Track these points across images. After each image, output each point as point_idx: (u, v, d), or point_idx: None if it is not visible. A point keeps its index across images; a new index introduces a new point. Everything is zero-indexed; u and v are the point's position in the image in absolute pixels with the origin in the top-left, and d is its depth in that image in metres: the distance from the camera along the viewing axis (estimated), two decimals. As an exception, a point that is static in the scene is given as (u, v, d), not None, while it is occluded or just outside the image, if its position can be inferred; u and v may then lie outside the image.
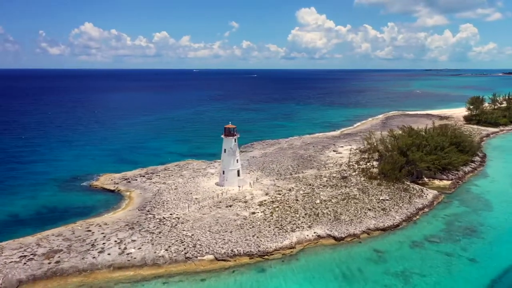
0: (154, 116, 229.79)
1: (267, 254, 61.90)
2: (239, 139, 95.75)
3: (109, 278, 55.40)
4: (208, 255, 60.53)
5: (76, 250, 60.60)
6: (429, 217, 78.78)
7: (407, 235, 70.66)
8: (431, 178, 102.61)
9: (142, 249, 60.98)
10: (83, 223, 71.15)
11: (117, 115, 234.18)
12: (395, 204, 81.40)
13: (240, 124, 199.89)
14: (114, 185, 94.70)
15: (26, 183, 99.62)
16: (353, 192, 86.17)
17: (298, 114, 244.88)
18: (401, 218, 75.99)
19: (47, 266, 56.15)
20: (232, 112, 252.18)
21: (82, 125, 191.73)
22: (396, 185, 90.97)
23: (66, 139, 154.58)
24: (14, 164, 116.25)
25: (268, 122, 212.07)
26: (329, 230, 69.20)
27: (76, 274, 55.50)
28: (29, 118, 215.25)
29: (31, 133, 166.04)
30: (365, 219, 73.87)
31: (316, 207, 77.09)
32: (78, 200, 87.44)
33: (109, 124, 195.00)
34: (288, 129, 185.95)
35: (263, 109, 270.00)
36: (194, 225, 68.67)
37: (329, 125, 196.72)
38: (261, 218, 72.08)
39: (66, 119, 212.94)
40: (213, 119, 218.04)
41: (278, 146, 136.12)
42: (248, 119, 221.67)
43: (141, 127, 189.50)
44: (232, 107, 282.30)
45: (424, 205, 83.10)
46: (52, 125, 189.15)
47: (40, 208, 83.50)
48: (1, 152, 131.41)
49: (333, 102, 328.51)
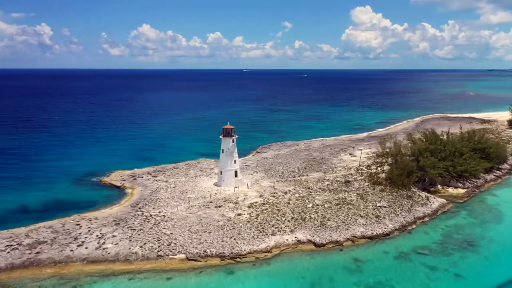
0: (187, 115, 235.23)
1: (240, 257, 61.45)
2: (257, 140, 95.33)
3: (81, 271, 57.71)
4: (180, 254, 61.22)
5: (58, 242, 63.74)
6: (427, 227, 74.31)
7: (396, 245, 67.12)
8: (446, 185, 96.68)
9: (118, 245, 62.90)
10: (77, 217, 74.61)
11: (152, 114, 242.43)
12: (392, 211, 77.52)
13: (268, 125, 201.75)
14: (121, 181, 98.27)
15: (45, 176, 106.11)
16: (351, 197, 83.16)
17: (332, 115, 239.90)
18: (394, 226, 72.27)
19: (27, 256, 59.57)
20: (265, 113, 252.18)
21: (115, 123, 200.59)
22: (401, 191, 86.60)
23: (95, 137, 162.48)
24: (40, 159, 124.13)
25: (298, 123, 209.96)
26: (311, 235, 67.36)
27: (52, 265, 58.41)
28: (68, 116, 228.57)
29: (65, 131, 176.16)
30: (354, 226, 71.04)
31: (305, 211, 75.30)
32: (84, 194, 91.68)
33: (141, 123, 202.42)
34: (316, 131, 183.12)
35: (297, 110, 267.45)
36: (176, 224, 69.70)
37: (359, 127, 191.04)
38: (245, 220, 71.64)
39: (103, 117, 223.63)
40: (243, 120, 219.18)
41: (295, 148, 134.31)
42: (279, 120, 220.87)
43: (169, 126, 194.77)
44: (268, 108, 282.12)
45: (425, 214, 78.45)
46: (87, 123, 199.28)
47: (48, 200, 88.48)
48: (31, 147, 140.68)
49: (374, 103, 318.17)
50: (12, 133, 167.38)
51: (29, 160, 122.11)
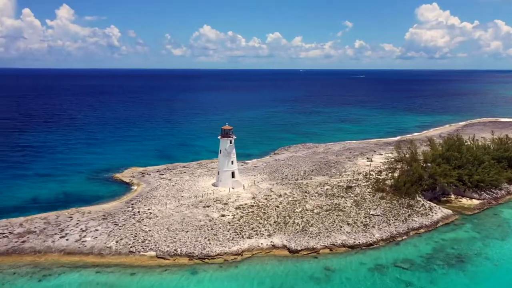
0: (223, 115, 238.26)
1: (208, 258, 61.52)
2: (282, 141, 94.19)
3: (56, 261, 60.84)
4: (151, 252, 62.53)
5: (45, 233, 67.74)
6: (420, 239, 69.61)
7: (376, 256, 63.60)
8: (460, 195, 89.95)
9: (97, 239, 65.58)
10: (73, 210, 78.76)
11: (189, 113, 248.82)
12: (385, 220, 73.49)
13: (300, 126, 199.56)
14: (131, 178, 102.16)
15: (65, 170, 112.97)
16: (346, 203, 79.96)
17: (371, 118, 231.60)
18: (381, 236, 68.49)
19: (12, 244, 63.95)
20: (303, 114, 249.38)
21: (149, 122, 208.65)
22: (402, 200, 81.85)
23: (125, 135, 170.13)
24: (66, 154, 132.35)
25: (332, 125, 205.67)
26: (287, 241, 65.77)
27: (32, 254, 62.19)
28: (109, 114, 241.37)
29: (98, 128, 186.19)
30: (336, 233, 68.31)
31: (290, 216, 73.62)
32: (92, 189, 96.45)
33: (174, 122, 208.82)
34: (348, 133, 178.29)
35: (337, 112, 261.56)
36: (158, 222, 71.23)
37: (395, 131, 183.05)
38: (227, 221, 71.53)
39: (140, 116, 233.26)
40: (277, 120, 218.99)
41: (313, 150, 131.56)
42: (314, 121, 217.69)
43: (201, 125, 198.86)
44: (307, 109, 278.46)
45: (422, 225, 73.53)
46: (123, 121, 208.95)
47: (59, 193, 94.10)
48: (62, 143, 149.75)
49: (423, 106, 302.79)
50: (49, 129, 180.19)
51: (55, 155, 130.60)
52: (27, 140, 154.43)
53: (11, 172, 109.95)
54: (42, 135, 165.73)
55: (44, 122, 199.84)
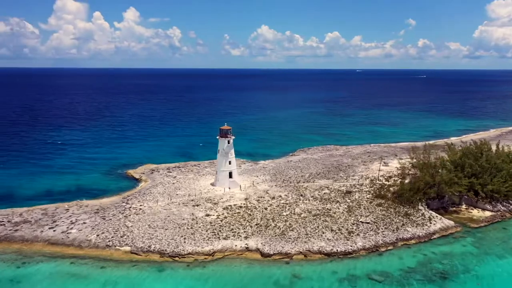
0: (257, 115, 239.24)
1: (179, 256, 62.04)
2: (306, 143, 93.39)
3: (39, 250, 64.39)
4: (126, 247, 64.23)
5: (39, 223, 71.93)
6: (407, 251, 65.31)
7: (352, 266, 60.61)
8: (472, 206, 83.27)
9: (81, 231, 68.52)
10: (73, 203, 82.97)
11: (225, 113, 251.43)
12: (374, 229, 69.77)
13: (332, 128, 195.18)
14: (141, 174, 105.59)
15: (86, 164, 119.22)
16: (338, 209, 76.93)
17: (410, 120, 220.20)
18: (364, 245, 65.13)
19: (6, 232, 68.58)
20: (339, 115, 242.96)
21: (181, 120, 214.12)
22: (400, 208, 77.30)
23: (154, 132, 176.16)
24: (91, 150, 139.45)
25: (366, 127, 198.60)
26: (262, 244, 64.59)
27: (20, 242, 66.31)
28: (148, 111, 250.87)
29: (131, 126, 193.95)
30: (316, 239, 65.96)
31: (274, 219, 72.21)
32: (103, 183, 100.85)
33: (206, 121, 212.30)
34: (379, 136, 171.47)
35: (375, 114, 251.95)
36: (143, 218, 72.96)
37: (431, 135, 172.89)
38: (209, 221, 71.67)
39: (176, 114, 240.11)
40: (308, 122, 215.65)
41: (330, 153, 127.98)
42: (349, 123, 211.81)
43: (231, 125, 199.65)
44: (346, 110, 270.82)
45: (414, 235, 68.95)
46: (159, 119, 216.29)
47: (72, 186, 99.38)
48: (91, 140, 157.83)
49: (473, 108, 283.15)
50: (85, 126, 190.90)
51: (81, 150, 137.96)
52: (60, 136, 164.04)
53: (37, 164, 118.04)
54: (76, 131, 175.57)
55: (84, 119, 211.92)
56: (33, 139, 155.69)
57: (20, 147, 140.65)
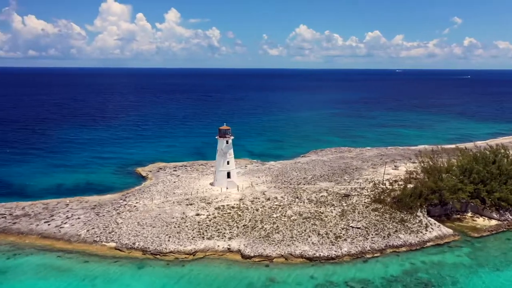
0: (278, 116, 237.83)
1: (160, 254, 62.73)
2: (322, 144, 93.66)
3: (31, 243, 67.05)
4: (112, 243, 65.68)
5: (37, 217, 74.97)
6: (394, 258, 62.81)
7: (332, 271, 59.02)
8: (479, 214, 78.93)
9: (73, 226, 70.76)
10: (75, 199, 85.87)
11: (247, 113, 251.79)
12: (363, 234, 67.57)
13: (353, 130, 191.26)
14: (148, 172, 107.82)
15: (100, 161, 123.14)
16: (331, 213, 75.08)
17: (437, 123, 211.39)
18: (349, 251, 63.22)
19: (5, 225, 71.95)
20: (363, 117, 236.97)
21: (201, 121, 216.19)
22: (397, 213, 74.44)
23: (172, 131, 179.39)
24: (108, 148, 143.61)
25: (390, 129, 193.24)
26: (245, 245, 64.12)
27: (15, 234, 69.39)
28: (173, 111, 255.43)
29: (151, 125, 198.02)
30: (300, 243, 64.70)
31: (263, 221, 71.50)
32: (110, 180, 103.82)
33: (226, 120, 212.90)
34: (399, 138, 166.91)
35: (403, 115, 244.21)
36: (134, 215, 74.30)
37: (455, 138, 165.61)
38: (197, 220, 72.00)
39: (199, 113, 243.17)
40: (330, 123, 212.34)
41: (341, 155, 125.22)
42: (372, 125, 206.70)
43: (252, 125, 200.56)
44: (372, 111, 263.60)
45: (405, 243, 66.19)
46: (179, 119, 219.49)
47: (82, 182, 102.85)
48: (111, 138, 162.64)
49: (506, 111, 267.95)
50: (107, 124, 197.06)
51: (98, 148, 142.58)
52: (82, 134, 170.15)
53: (54, 161, 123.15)
54: (97, 130, 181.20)
55: (109, 118, 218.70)
56: (56, 136, 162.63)
57: (42, 144, 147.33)
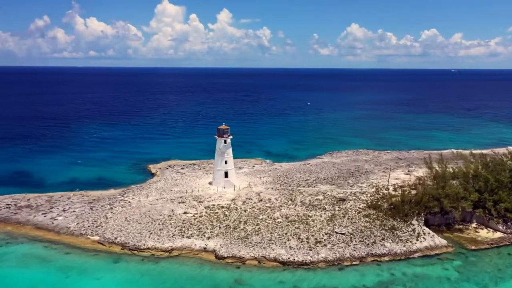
0: (310, 116, 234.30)
1: (137, 250, 63.92)
2: (342, 146, 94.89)
3: (25, 233, 70.75)
4: (96, 236, 67.81)
5: (37, 209, 79.03)
6: (374, 268, 59.94)
7: (302, 278, 57.32)
8: (484, 225, 73.42)
9: (66, 219, 73.82)
10: (79, 193, 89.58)
11: (277, 113, 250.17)
12: (346, 241, 64.95)
13: (379, 132, 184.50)
14: (157, 169, 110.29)
15: (118, 158, 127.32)
16: (320, 217, 72.83)
17: (476, 128, 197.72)
18: (326, 257, 61.05)
19: (7, 214, 76.47)
20: (396, 119, 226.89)
21: (229, 120, 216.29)
22: (390, 220, 70.83)
23: (197, 130, 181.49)
24: (129, 145, 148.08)
25: (422, 132, 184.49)
26: (221, 246, 63.83)
27: (13, 223, 73.56)
28: (207, 110, 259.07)
29: (179, 123, 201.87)
30: (277, 246, 63.35)
31: (247, 222, 70.78)
32: (121, 176, 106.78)
33: (254, 120, 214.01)
34: (429, 142, 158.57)
35: (442, 118, 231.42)
36: (125, 211, 76.21)
37: (490, 143, 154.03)
38: (183, 218, 72.57)
39: (228, 114, 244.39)
40: (359, 124, 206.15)
41: (355, 158, 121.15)
42: (403, 127, 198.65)
43: (277, 125, 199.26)
44: (408, 113, 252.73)
45: (390, 252, 62.87)
46: (209, 118, 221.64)
47: (95, 177, 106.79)
48: (135, 136, 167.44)
49: None
50: (136, 122, 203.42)
51: (119, 145, 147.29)
52: (108, 131, 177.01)
53: (74, 156, 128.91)
54: (124, 128, 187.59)
55: (141, 116, 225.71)
56: (85, 133, 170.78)
57: (69, 140, 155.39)
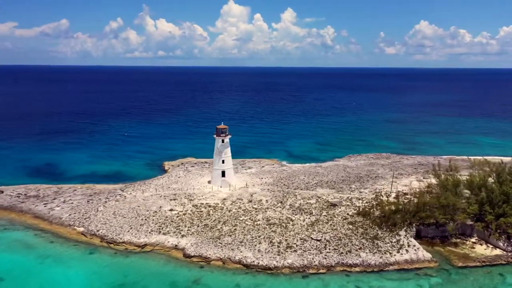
0: (349, 117, 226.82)
1: (114, 243, 66.11)
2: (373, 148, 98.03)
3: (24, 221, 76.00)
4: (82, 228, 71.10)
5: (42, 199, 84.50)
6: (341, 278, 57.03)
7: (260, 282, 56.19)
8: (484, 240, 66.84)
9: (62, 210, 78.16)
10: (86, 186, 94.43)
11: (317, 113, 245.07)
12: (320, 248, 62.29)
13: (418, 135, 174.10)
14: (170, 166, 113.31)
15: (140, 154, 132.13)
16: (303, 221, 70.46)
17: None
18: (291, 264, 59.09)
19: (14, 203, 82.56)
20: (439, 123, 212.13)
21: (262, 120, 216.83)
22: (375, 229, 66.86)
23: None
24: (155, 142, 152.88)
25: (465, 137, 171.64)
26: (191, 244, 64.17)
27: (17, 211, 79.33)
28: (249, 109, 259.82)
29: (207, 123, 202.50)
30: (245, 248, 62.37)
31: (226, 222, 70.37)
32: (136, 172, 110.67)
33: (288, 120, 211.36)
34: (468, 147, 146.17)
35: (493, 122, 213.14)
36: (116, 205, 79.04)
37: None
38: (166, 215, 73.81)
39: (264, 113, 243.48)
40: (396, 127, 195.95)
41: (373, 161, 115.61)
42: (443, 131, 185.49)
43: (308, 127, 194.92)
44: (453, 117, 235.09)
45: (363, 263, 59.34)
46: (238, 119, 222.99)
47: (113, 171, 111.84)
48: (160, 134, 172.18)
49: None
50: (170, 121, 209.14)
51: (143, 142, 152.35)
52: (139, 129, 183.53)
53: (101, 151, 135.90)
54: (158, 125, 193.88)
55: (179, 115, 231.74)
56: (119, 129, 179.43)
57: (100, 135, 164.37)
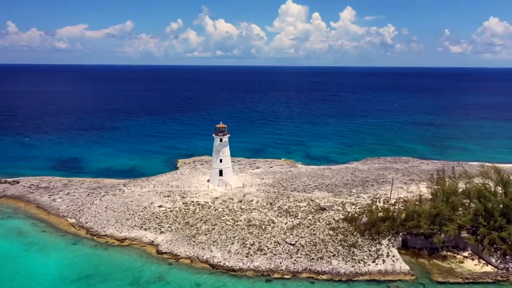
0: (382, 119, 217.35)
1: (97, 236, 68.61)
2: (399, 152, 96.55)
3: (28, 210, 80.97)
4: (73, 219, 74.45)
5: (49, 191, 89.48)
6: (303, 285, 55.04)
7: (221, 283, 55.85)
8: (477, 255, 61.59)
9: (63, 201, 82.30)
10: (92, 180, 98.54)
11: (349, 114, 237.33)
12: (291, 252, 60.54)
13: (453, 139, 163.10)
14: (182, 164, 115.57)
15: (160, 151, 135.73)
16: (284, 224, 68.85)
17: None
18: (258, 267, 58.03)
19: (24, 193, 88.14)
20: (481, 126, 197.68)
21: (291, 120, 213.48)
22: (357, 237, 63.89)
23: (247, 130, 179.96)
24: (178, 140, 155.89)
25: (501, 142, 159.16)
26: (165, 241, 65.05)
27: (24, 201, 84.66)
28: (277, 108, 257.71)
29: (239, 122, 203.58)
30: (216, 248, 62.13)
31: (207, 221, 70.46)
32: (150, 167, 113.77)
33: (317, 121, 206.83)
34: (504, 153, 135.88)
35: None
36: (112, 199, 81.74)
37: None
38: (153, 211, 75.22)
39: (297, 113, 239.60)
40: (433, 129, 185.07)
41: (388, 165, 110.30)
42: (479, 135, 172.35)
43: (335, 128, 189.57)
44: (498, 121, 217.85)
45: (332, 271, 56.84)
46: (269, 119, 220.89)
47: (129, 166, 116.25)
48: (181, 132, 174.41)
49: None
50: (195, 119, 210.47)
51: (163, 140, 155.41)
52: (171, 126, 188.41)
53: (125, 146, 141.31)
54: (187, 123, 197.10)
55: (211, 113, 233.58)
56: (149, 126, 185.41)
57: (128, 132, 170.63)
